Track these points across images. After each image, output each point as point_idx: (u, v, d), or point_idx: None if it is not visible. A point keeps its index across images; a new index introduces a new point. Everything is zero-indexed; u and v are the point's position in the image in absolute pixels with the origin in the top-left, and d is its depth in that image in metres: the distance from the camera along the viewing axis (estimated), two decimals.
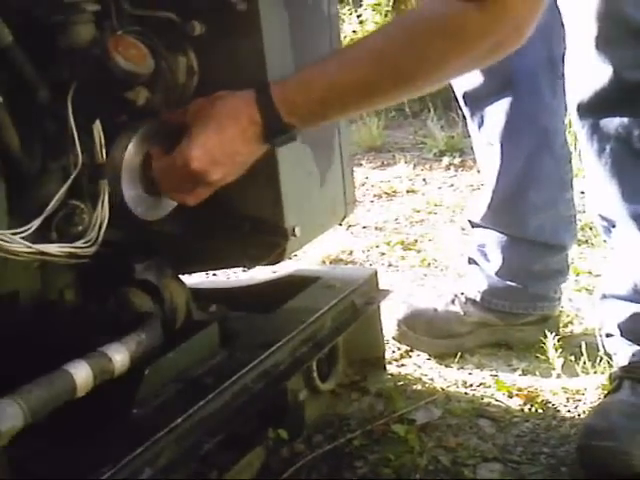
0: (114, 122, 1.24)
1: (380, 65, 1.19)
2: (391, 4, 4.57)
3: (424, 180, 3.23)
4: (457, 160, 3.39)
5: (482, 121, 1.85)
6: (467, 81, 1.82)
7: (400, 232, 2.69)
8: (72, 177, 1.15)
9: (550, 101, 1.80)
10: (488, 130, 1.84)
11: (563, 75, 1.67)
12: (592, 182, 1.64)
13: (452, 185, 3.15)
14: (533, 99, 1.79)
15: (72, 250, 1.18)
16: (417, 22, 1.20)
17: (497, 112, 1.81)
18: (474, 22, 1.11)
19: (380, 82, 1.20)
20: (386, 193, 3.11)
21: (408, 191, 3.11)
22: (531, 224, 1.85)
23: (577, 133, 1.62)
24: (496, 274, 1.88)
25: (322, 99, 1.21)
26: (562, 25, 1.60)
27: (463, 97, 1.86)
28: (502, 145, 1.82)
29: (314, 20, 1.43)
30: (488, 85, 1.80)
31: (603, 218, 1.63)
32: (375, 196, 3.10)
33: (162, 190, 1.29)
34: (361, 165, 3.44)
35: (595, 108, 1.54)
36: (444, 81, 1.29)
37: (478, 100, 1.83)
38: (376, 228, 2.74)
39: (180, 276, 1.41)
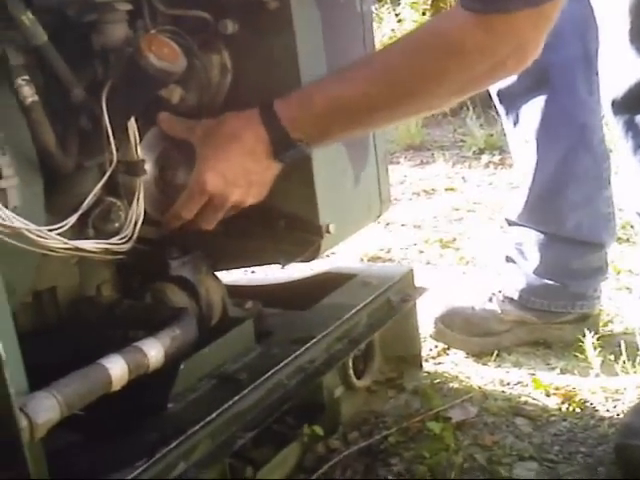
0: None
1: (379, 79, 1.20)
2: (430, 2, 4.56)
3: (463, 178, 3.22)
4: (496, 158, 3.38)
5: (517, 118, 1.83)
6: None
7: (438, 230, 2.68)
8: (107, 174, 1.16)
9: (587, 97, 1.77)
10: (524, 127, 1.82)
11: (598, 72, 1.65)
12: (628, 179, 1.61)
13: (491, 183, 3.14)
14: (569, 95, 1.78)
15: (107, 246, 1.19)
16: (420, 37, 1.21)
17: (533, 109, 1.80)
18: (477, 39, 1.11)
19: (379, 96, 1.20)
20: (425, 191, 3.11)
21: (447, 189, 3.10)
22: (569, 222, 1.83)
23: (612, 130, 1.60)
24: (534, 272, 1.87)
25: (323, 114, 1.22)
26: (595, 23, 1.58)
27: (498, 95, 1.85)
28: (538, 142, 1.80)
29: (346, 18, 1.43)
30: (523, 82, 1.78)
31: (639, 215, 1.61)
32: (414, 194, 3.10)
33: (190, 225, 1.32)
34: (400, 163, 3.43)
35: (630, 104, 1.52)
36: (447, 99, 1.27)
37: (513, 97, 1.82)
38: (414, 226, 2.74)
39: (217, 273, 1.43)
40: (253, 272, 2.21)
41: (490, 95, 1.90)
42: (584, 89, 1.77)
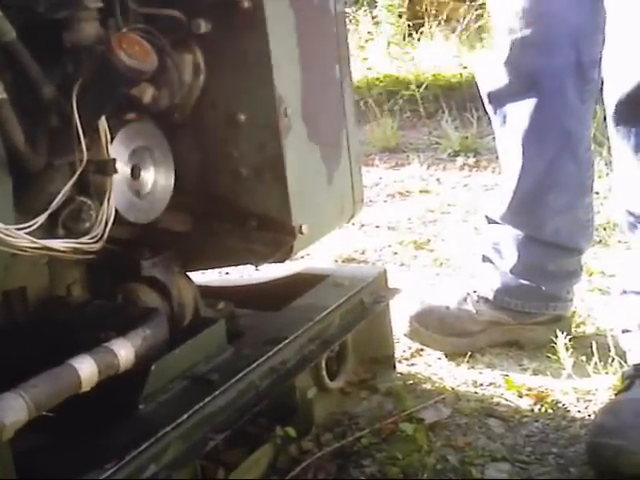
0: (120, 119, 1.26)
1: None
2: (406, 4, 4.57)
3: (438, 180, 3.22)
4: (471, 160, 3.39)
5: (504, 120, 1.83)
6: (492, 81, 1.82)
7: (413, 232, 2.69)
8: (77, 173, 1.15)
9: (576, 105, 1.77)
10: (511, 129, 1.82)
11: (593, 80, 1.65)
12: (623, 177, 1.61)
13: (466, 185, 3.15)
14: (558, 102, 1.77)
15: (77, 246, 1.18)
16: None
17: (521, 112, 1.79)
18: None
19: None
20: (400, 193, 3.11)
21: (422, 191, 3.11)
22: (548, 227, 1.84)
23: (612, 129, 1.58)
24: (510, 271, 1.87)
25: None
26: (596, 30, 1.59)
27: (488, 96, 1.85)
28: (525, 146, 1.80)
29: (320, 18, 1.43)
30: (513, 85, 1.78)
31: (630, 214, 1.61)
32: (389, 196, 3.10)
33: None
34: (375, 165, 3.44)
35: (634, 103, 1.51)
36: None
37: (502, 99, 1.81)
38: (389, 228, 2.74)
39: (191, 273, 1.42)
40: (227, 273, 2.21)
41: (466, 98, 1.90)
42: (574, 97, 1.76)
